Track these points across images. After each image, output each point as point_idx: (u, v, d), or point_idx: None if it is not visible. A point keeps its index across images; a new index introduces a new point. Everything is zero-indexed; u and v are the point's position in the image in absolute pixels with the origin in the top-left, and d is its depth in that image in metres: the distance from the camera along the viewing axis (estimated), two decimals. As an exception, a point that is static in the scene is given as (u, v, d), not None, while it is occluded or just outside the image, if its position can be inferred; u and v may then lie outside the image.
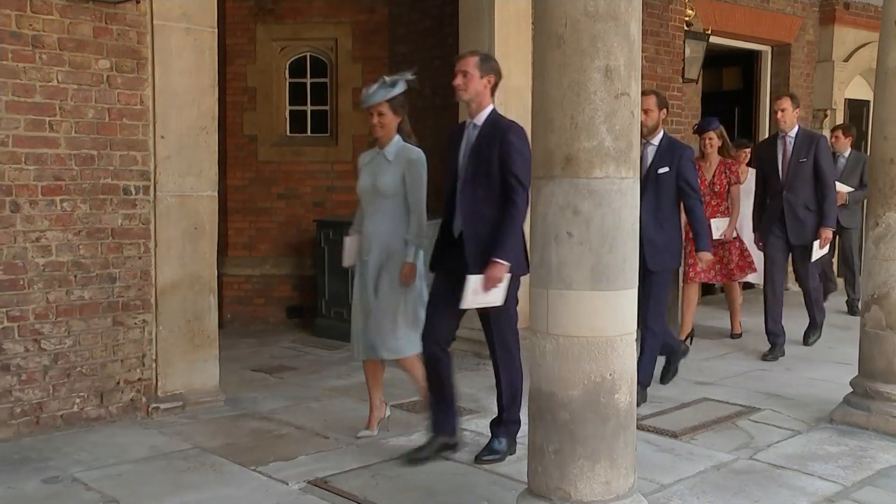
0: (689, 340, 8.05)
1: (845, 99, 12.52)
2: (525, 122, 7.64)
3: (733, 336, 8.77)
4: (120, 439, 5.46)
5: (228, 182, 9.21)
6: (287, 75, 9.83)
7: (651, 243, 5.97)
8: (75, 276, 5.66)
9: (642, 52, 3.79)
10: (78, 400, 5.71)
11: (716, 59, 11.37)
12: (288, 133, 9.82)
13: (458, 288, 4.85)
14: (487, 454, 5.09)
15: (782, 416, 5.97)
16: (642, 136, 5.93)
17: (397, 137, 5.61)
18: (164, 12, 5.90)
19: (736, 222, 8.34)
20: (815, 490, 4.65)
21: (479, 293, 4.84)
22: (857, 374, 5.83)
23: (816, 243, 7.83)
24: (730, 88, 12.47)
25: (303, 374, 7.24)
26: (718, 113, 11.15)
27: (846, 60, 12.35)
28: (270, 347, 8.33)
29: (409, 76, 5.69)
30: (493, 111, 5.16)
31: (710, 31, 10.28)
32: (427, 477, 4.77)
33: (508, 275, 4.89)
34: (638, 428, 3.82)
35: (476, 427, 5.66)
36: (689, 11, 9.90)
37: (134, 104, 5.83)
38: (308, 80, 9.83)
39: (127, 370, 5.90)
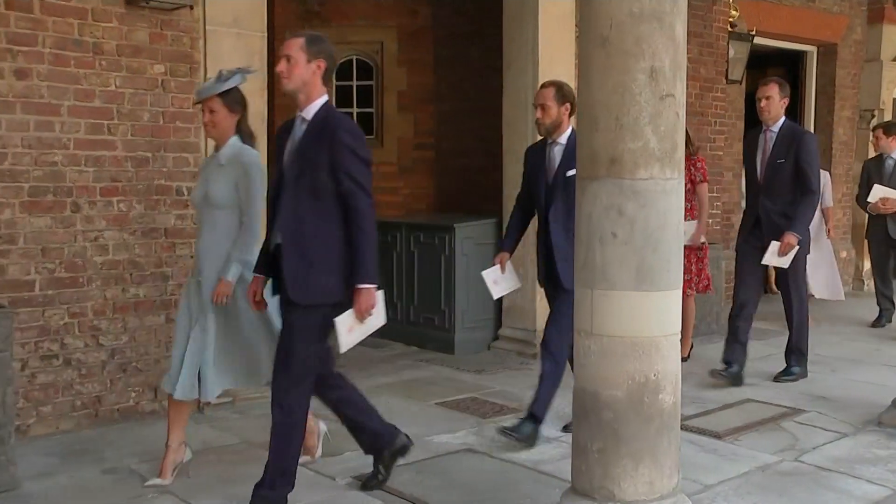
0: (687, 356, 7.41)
1: (894, 99, 12.24)
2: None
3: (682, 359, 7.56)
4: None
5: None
6: (334, 79, 9.86)
7: (563, 257, 5.19)
8: (131, 275, 5.73)
9: (686, 53, 3.75)
10: (133, 394, 5.78)
11: (760, 60, 11.17)
12: (334, 135, 9.82)
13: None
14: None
15: (828, 419, 5.88)
16: (543, 135, 5.52)
17: (234, 138, 4.76)
18: (216, 18, 5.95)
19: (705, 225, 7.57)
20: (862, 493, 4.58)
21: (355, 330, 4.23)
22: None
23: (775, 245, 6.55)
24: (775, 88, 12.28)
25: (349, 370, 7.07)
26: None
27: (895, 60, 12.10)
28: (318, 343, 8.36)
29: (250, 70, 4.95)
30: (326, 104, 4.32)
31: (754, 32, 10.10)
32: (471, 474, 4.77)
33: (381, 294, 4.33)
34: (682, 428, 3.79)
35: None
36: (734, 12, 9.76)
37: (187, 107, 5.87)
38: (354, 83, 9.86)
39: (179, 366, 5.96)
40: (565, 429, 5.37)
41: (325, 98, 4.32)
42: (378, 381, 6.89)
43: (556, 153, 5.42)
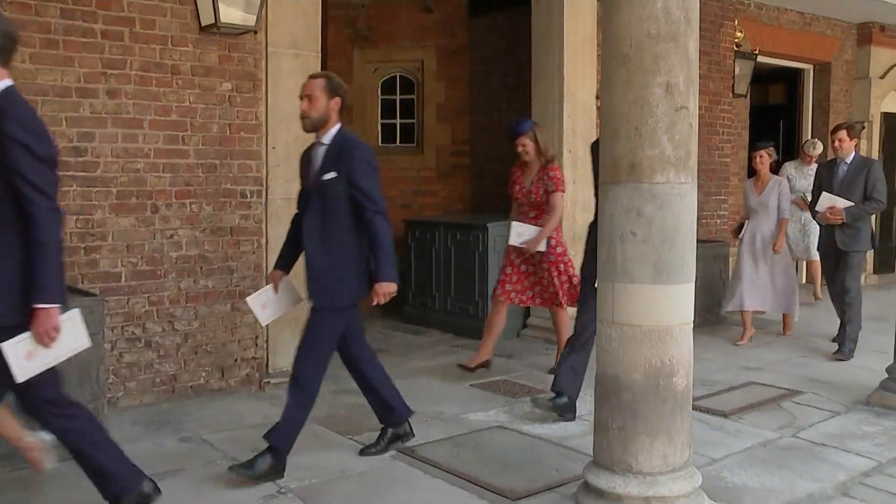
0: (482, 368, 6.43)
1: (881, 113, 12.30)
2: (591, 133, 7.77)
3: (552, 371, 6.29)
4: (238, 408, 5.57)
5: (329, 186, 9.30)
6: (379, 93, 9.90)
7: (316, 272, 4.38)
8: (201, 268, 5.78)
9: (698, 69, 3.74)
10: (204, 373, 5.83)
11: (763, 77, 11.20)
12: (380, 143, 9.87)
13: None
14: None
15: (823, 399, 5.85)
16: (309, 131, 4.51)
17: None
18: (276, 40, 5.98)
19: (548, 233, 6.25)
20: (852, 466, 4.57)
21: (37, 356, 3.25)
22: (892, 361, 5.70)
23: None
24: (775, 103, 12.29)
25: (392, 355, 7.27)
26: (765, 126, 11.08)
27: (882, 77, 12.15)
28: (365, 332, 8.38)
29: None
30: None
31: (757, 52, 10.14)
32: (503, 448, 4.77)
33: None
34: (692, 408, 3.78)
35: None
36: (739, 34, 9.80)
37: (250, 120, 5.92)
38: (398, 97, 9.89)
39: (243, 349, 6.01)
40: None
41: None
42: (418, 364, 6.91)
43: (319, 154, 4.43)
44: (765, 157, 7.74)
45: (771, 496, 4.14)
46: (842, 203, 7.03)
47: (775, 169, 9.17)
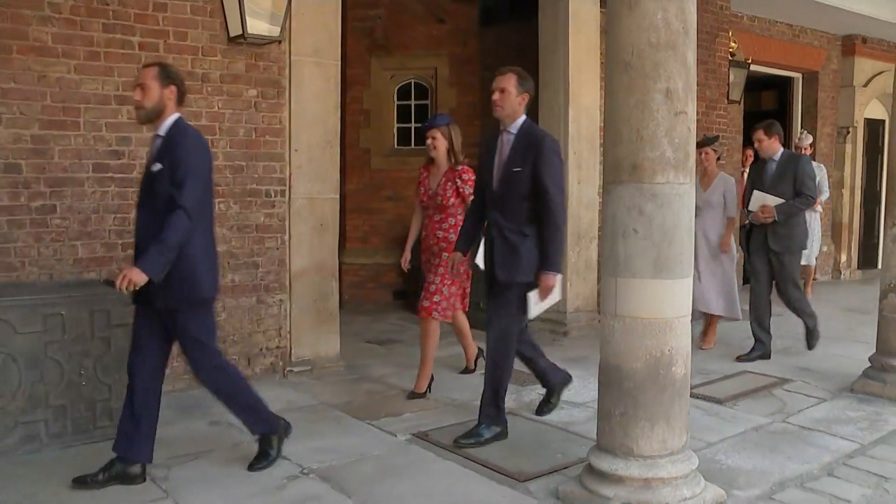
0: (476, 361, 6.20)
1: (864, 118, 12.42)
2: (593, 136, 7.76)
3: (467, 370, 6.28)
4: (263, 394, 5.44)
5: (347, 187, 9.31)
6: (395, 98, 9.89)
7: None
8: (228, 263, 5.78)
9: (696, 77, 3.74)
10: (231, 361, 5.82)
11: (755, 84, 11.24)
12: (395, 146, 9.88)
13: None
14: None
15: (811, 387, 5.85)
16: (143, 122, 4.07)
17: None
18: (299, 49, 5.99)
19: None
20: (837, 448, 4.58)
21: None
22: (874, 351, 5.73)
23: (534, 294, 4.52)
24: (767, 108, 12.30)
25: (407, 345, 7.28)
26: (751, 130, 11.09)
27: (865, 86, 12.27)
28: (380, 324, 8.39)
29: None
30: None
31: (750, 61, 10.21)
32: (512, 433, 4.75)
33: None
34: (689, 396, 3.78)
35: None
36: (733, 44, 9.84)
37: (274, 124, 5.93)
38: (412, 102, 9.88)
39: (268, 339, 6.02)
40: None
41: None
42: (432, 353, 6.92)
43: (154, 148, 3.99)
44: (710, 154, 7.18)
45: (763, 477, 4.14)
46: (772, 201, 6.59)
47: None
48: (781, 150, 6.80)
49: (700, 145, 6.99)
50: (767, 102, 12.46)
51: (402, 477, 4.10)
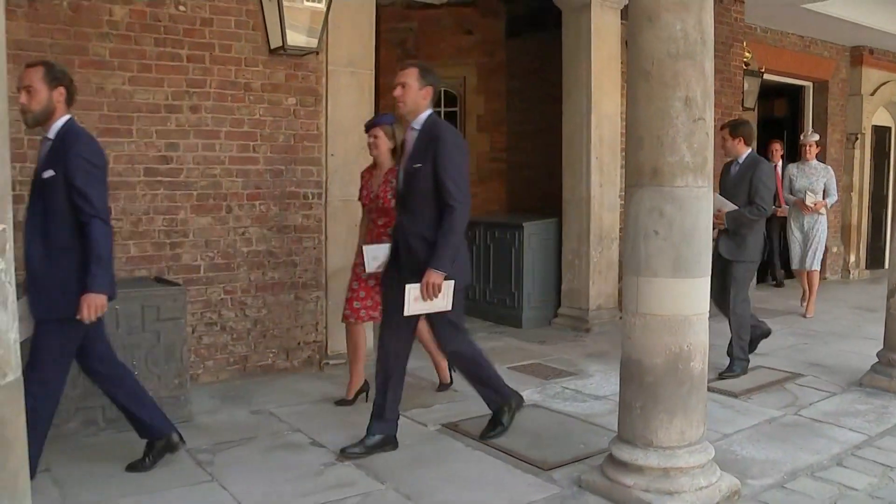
0: (362, 395, 5.20)
1: (872, 126, 12.35)
2: (614, 142, 7.72)
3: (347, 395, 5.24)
4: (300, 386, 5.61)
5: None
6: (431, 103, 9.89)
7: (35, 280, 3.55)
8: (268, 262, 5.82)
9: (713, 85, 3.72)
10: (271, 355, 5.88)
11: (768, 92, 11.12)
12: (427, 151, 9.87)
13: None
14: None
15: (821, 381, 5.79)
16: (31, 126, 3.65)
17: None
18: (335, 60, 6.01)
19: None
20: (846, 440, 4.54)
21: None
22: (882, 347, 5.67)
23: (413, 287, 3.97)
24: (779, 115, 12.22)
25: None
26: (770, 135, 10.96)
27: (872, 94, 12.18)
28: (412, 318, 8.40)
29: None
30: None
31: (763, 70, 10.14)
32: (535, 425, 4.75)
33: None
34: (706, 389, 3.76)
35: (575, 386, 5.65)
36: (747, 54, 9.79)
37: (312, 130, 5.96)
38: (442, 109, 9.87)
39: (305, 334, 6.05)
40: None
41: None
42: (461, 347, 6.92)
43: (43, 151, 3.65)
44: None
45: (775, 466, 4.11)
46: (728, 206, 5.82)
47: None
48: (747, 152, 6.03)
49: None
50: (780, 109, 12.37)
51: (433, 465, 4.11)
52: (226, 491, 3.73)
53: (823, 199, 8.44)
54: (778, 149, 9.80)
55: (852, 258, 12.24)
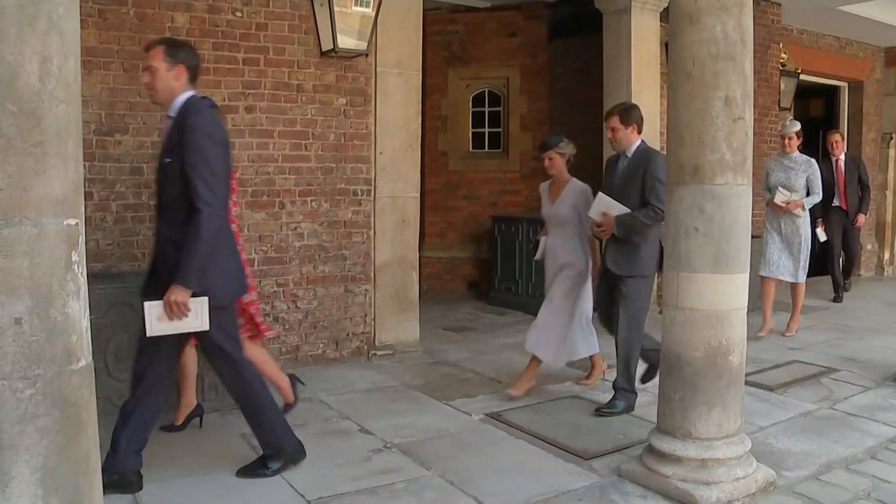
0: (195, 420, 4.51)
1: None
2: (655, 141, 7.64)
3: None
4: (349, 375, 5.67)
5: (426, 186, 9.32)
6: (470, 106, 9.89)
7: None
8: (319, 256, 5.89)
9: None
10: (321, 345, 5.95)
11: (804, 92, 10.94)
12: (470, 149, 9.88)
13: None
14: None
15: (856, 376, 5.68)
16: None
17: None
18: (384, 61, 6.05)
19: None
20: (880, 433, 4.46)
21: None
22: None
23: (153, 306, 3.34)
24: (815, 115, 11.98)
25: (480, 333, 7.31)
26: (806, 136, 10.73)
27: None
28: (455, 312, 8.42)
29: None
30: None
31: (799, 70, 10.00)
32: (577, 415, 4.75)
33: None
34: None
35: (610, 378, 5.59)
36: (784, 55, 9.67)
37: (361, 129, 6.01)
38: (486, 109, 9.87)
39: (354, 325, 6.10)
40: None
41: None
42: (503, 341, 6.92)
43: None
44: (556, 160, 5.10)
45: (810, 459, 4.05)
46: (616, 209, 4.68)
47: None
48: (637, 143, 4.83)
49: (542, 149, 5.19)
50: (816, 110, 12.15)
51: (477, 453, 4.13)
52: (278, 474, 3.79)
53: (815, 197, 7.01)
54: (839, 140, 9.04)
55: (886, 255, 12.01)
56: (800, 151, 7.06)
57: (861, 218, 8.86)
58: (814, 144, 10.35)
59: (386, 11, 5.86)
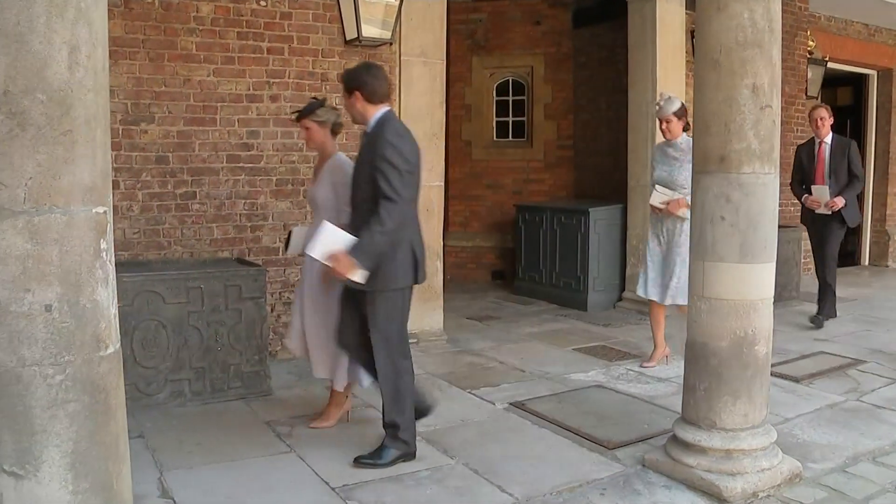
0: None
1: None
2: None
3: None
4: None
5: (450, 175, 9.31)
6: (494, 94, 9.86)
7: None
8: (343, 245, 5.89)
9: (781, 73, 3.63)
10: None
11: (832, 80, 10.78)
12: (494, 138, 9.86)
13: None
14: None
15: (884, 368, 5.61)
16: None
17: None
18: (408, 50, 6.05)
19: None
20: (907, 425, 4.43)
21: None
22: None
23: None
24: (843, 104, 11.80)
25: (504, 322, 7.30)
26: (834, 125, 10.58)
27: None
28: (479, 301, 8.41)
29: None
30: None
31: (827, 59, 9.88)
32: (601, 405, 4.74)
33: None
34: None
35: (639, 368, 5.60)
36: (811, 43, 9.58)
37: (414, 119, 6.01)
38: (510, 98, 9.84)
39: (378, 314, 6.11)
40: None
41: None
42: (527, 330, 6.91)
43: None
44: (313, 130, 4.23)
45: (836, 451, 4.01)
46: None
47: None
48: (379, 114, 3.76)
49: (297, 118, 4.33)
50: (843, 98, 11.96)
51: (501, 441, 4.14)
52: (303, 461, 3.82)
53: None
54: (824, 118, 6.98)
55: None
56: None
57: (839, 201, 6.71)
58: (842, 134, 10.21)
59: (410, 0, 5.85)
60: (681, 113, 5.41)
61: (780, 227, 3.83)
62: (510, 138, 9.84)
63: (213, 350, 4.71)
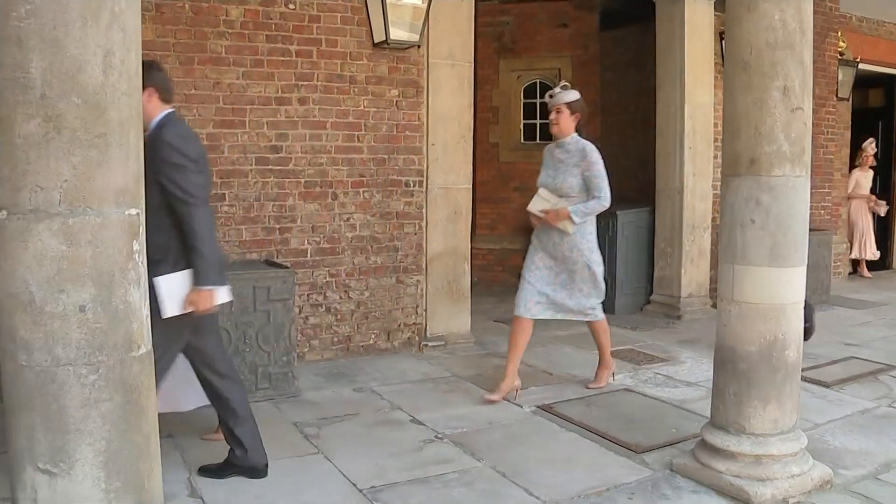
0: None
1: None
2: (708, 132, 7.53)
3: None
4: (401, 365, 5.70)
5: (477, 178, 9.30)
6: (521, 97, 9.84)
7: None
8: (371, 246, 5.92)
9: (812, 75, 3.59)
10: (373, 336, 5.98)
11: (863, 82, 10.62)
12: (522, 141, 9.83)
13: None
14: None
15: (917, 373, 5.53)
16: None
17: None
18: (436, 53, 6.05)
19: None
20: (940, 432, 4.34)
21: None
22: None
23: None
24: (875, 105, 11.62)
25: (532, 326, 7.25)
26: (864, 127, 10.44)
27: None
28: (506, 304, 8.27)
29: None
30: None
31: (858, 60, 9.74)
32: (629, 409, 4.71)
33: None
34: (800, 378, 3.65)
35: (667, 372, 5.55)
36: (842, 44, 9.45)
37: (413, 121, 6.02)
38: (538, 100, 9.80)
39: (406, 316, 6.13)
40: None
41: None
42: (555, 333, 6.85)
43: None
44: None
45: (868, 458, 3.95)
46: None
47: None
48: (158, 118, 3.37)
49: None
50: (875, 99, 11.78)
51: (528, 444, 4.13)
52: (330, 463, 3.84)
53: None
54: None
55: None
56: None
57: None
58: (873, 136, 10.09)
59: (438, 3, 5.86)
60: (576, 107, 4.96)
61: (810, 230, 3.78)
62: (538, 141, 9.81)
63: (242, 351, 4.74)
